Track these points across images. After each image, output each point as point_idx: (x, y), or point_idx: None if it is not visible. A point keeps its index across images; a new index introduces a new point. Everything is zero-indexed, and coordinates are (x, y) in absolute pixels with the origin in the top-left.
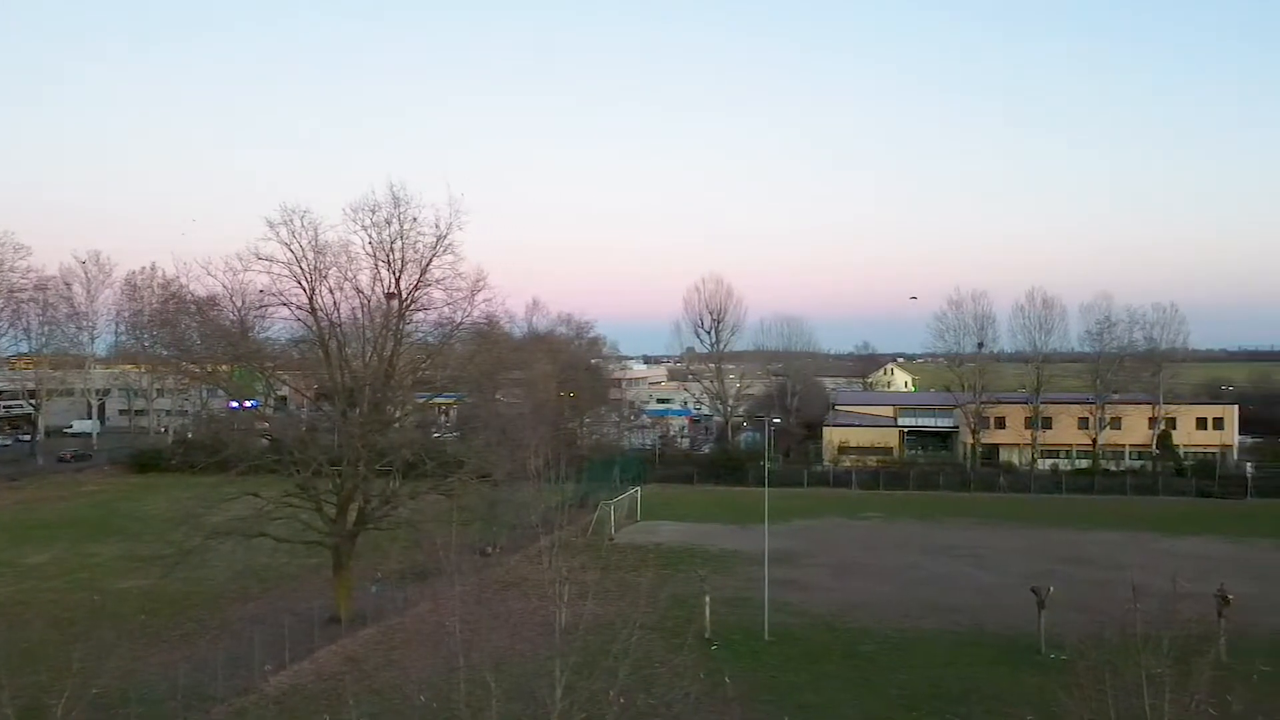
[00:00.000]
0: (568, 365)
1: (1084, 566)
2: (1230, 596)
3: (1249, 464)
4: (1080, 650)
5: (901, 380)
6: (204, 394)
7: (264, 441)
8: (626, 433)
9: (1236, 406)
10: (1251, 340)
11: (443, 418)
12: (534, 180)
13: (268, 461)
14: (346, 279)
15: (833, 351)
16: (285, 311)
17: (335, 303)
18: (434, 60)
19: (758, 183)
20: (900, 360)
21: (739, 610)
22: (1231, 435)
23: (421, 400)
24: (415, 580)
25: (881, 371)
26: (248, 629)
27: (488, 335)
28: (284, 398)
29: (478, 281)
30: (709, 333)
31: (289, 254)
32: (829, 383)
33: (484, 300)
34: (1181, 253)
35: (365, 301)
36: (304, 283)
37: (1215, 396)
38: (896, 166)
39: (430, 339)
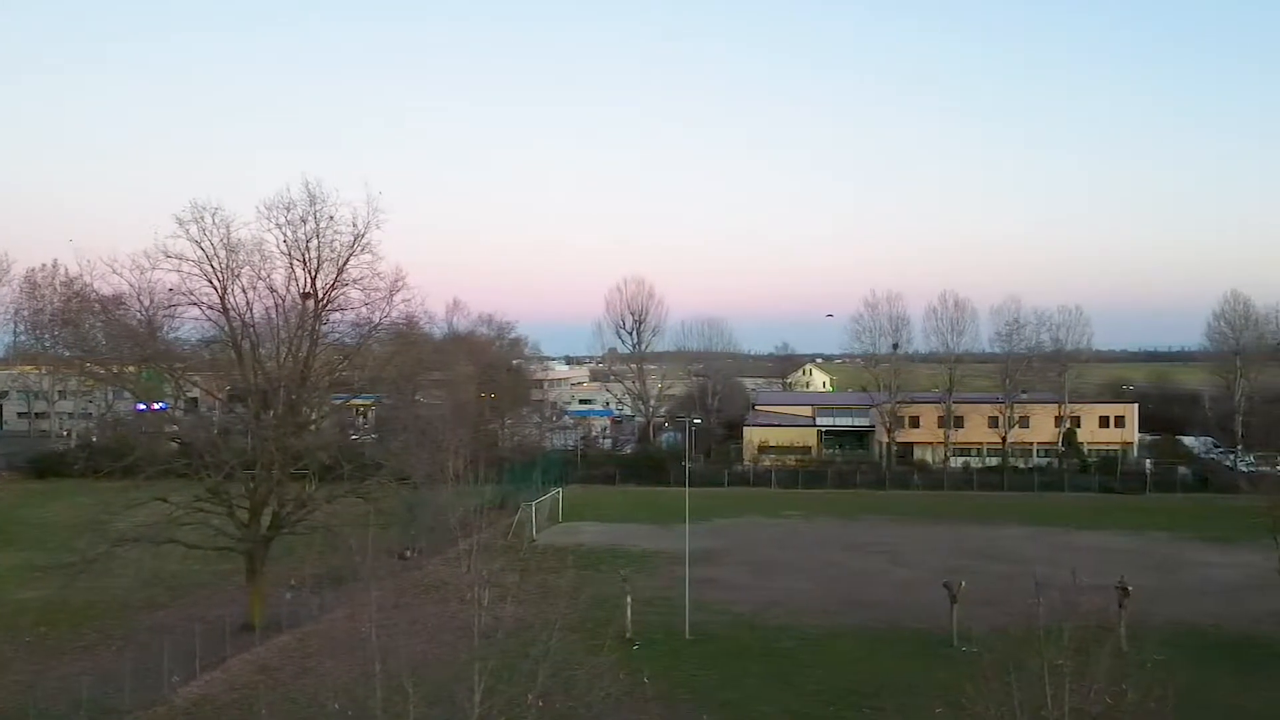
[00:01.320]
0: (489, 366)
1: (994, 561)
2: (1130, 588)
3: (1148, 460)
4: (987, 643)
5: (819, 380)
6: (109, 396)
7: (173, 445)
8: (548, 434)
9: (1136, 405)
10: (1150, 341)
11: (361, 419)
12: (454, 180)
13: (177, 465)
14: (260, 278)
15: (753, 352)
16: (196, 311)
17: (248, 302)
18: (352, 57)
19: (680, 184)
20: (818, 361)
21: (660, 610)
22: (1132, 433)
23: (339, 402)
24: (331, 585)
25: (800, 372)
26: (155, 639)
27: (407, 336)
28: (194, 400)
29: (396, 281)
30: (631, 334)
31: (199, 252)
32: (749, 383)
33: (403, 300)
34: (1086, 256)
35: (280, 301)
36: (215, 281)
37: (1117, 396)
38: (815, 170)
39: (348, 340)
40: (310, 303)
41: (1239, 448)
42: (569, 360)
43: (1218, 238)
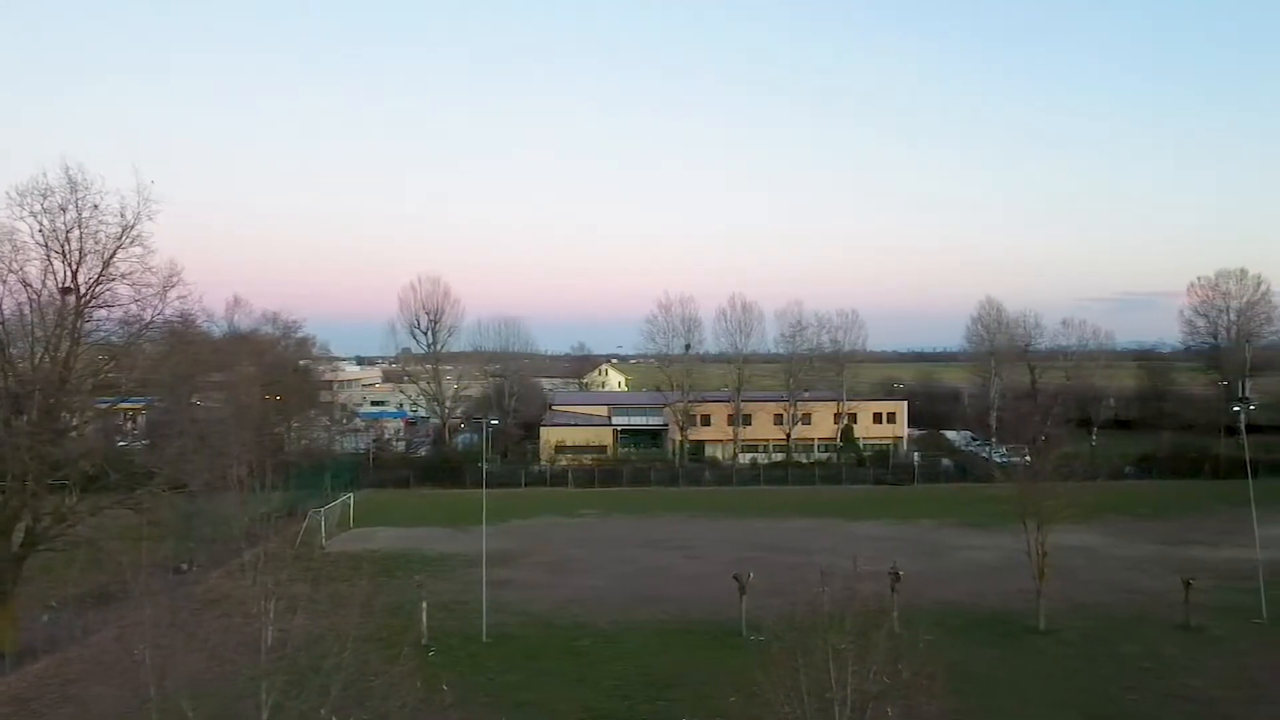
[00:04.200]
0: (274, 366)
1: (780, 553)
2: (901, 573)
3: (916, 453)
4: (775, 632)
5: (615, 380)
6: None
7: None
8: (338, 437)
9: (906, 402)
10: (917, 343)
11: (130, 425)
12: (237, 173)
13: None
14: (11, 270)
15: (550, 352)
16: None
17: None
18: (126, 37)
19: (476, 180)
20: (614, 361)
21: (457, 614)
22: (902, 428)
23: (104, 406)
24: (97, 605)
25: (596, 372)
26: None
27: (182, 335)
28: None
29: (171, 277)
30: (425, 333)
31: None
32: (546, 383)
33: (178, 297)
34: (861, 261)
35: (35, 296)
36: None
37: (889, 393)
38: (611, 168)
39: (115, 339)
40: (71, 298)
41: (993, 440)
42: (360, 360)
43: (975, 246)
